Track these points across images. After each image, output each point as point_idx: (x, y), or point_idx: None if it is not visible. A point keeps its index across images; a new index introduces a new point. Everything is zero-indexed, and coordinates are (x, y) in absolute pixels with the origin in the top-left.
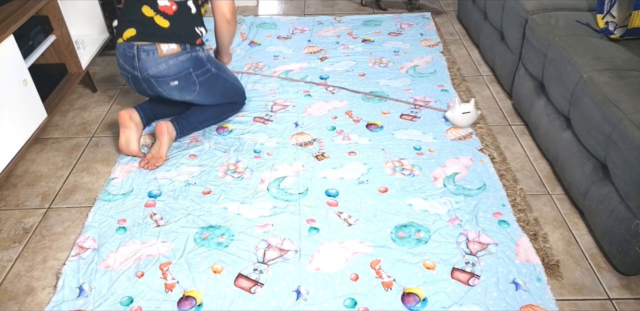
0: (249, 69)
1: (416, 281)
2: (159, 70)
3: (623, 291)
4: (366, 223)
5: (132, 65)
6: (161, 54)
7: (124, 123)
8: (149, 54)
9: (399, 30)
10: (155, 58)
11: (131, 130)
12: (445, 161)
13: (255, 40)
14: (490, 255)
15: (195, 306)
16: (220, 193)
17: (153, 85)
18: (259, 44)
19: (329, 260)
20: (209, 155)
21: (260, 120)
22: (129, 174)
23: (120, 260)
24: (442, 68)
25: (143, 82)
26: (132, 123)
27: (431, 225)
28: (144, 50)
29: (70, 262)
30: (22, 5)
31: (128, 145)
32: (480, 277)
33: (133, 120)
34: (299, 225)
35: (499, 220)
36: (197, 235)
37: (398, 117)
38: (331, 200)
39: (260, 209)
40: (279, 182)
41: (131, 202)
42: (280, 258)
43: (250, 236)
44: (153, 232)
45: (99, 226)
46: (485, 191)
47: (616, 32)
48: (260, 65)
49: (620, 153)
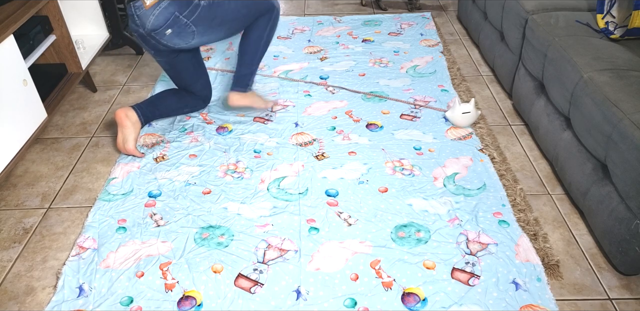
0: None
1: (416, 281)
2: (151, 23)
3: (623, 291)
4: (366, 223)
5: (135, 25)
6: (146, 6)
7: (121, 121)
8: (140, 10)
9: (399, 30)
10: (145, 12)
11: (128, 129)
12: (445, 161)
13: None
14: (490, 255)
15: (195, 306)
16: (220, 193)
17: (157, 40)
18: None
19: (329, 260)
20: (209, 155)
21: (260, 120)
22: (129, 174)
23: (120, 260)
24: (442, 68)
25: (150, 39)
26: (129, 121)
27: (431, 225)
28: (136, 7)
29: (70, 262)
30: (22, 5)
31: (124, 144)
32: (480, 277)
33: (130, 118)
34: (299, 225)
35: (499, 220)
36: (197, 235)
37: (398, 117)
38: (331, 200)
39: (260, 209)
40: (279, 182)
41: (131, 202)
42: (280, 258)
43: (250, 236)
44: (153, 232)
45: (99, 226)
46: (485, 191)
47: (616, 32)
48: (260, 65)
49: (620, 153)
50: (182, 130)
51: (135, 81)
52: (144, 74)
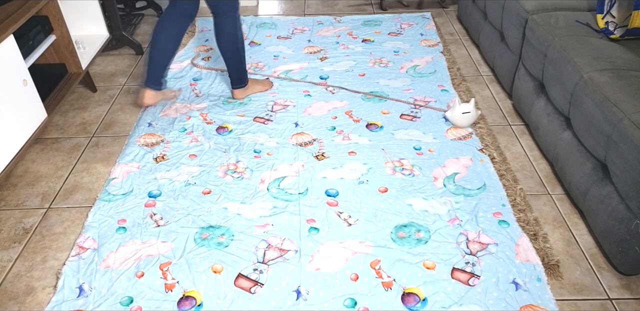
0: (249, 68)
1: (416, 281)
2: None
3: (623, 291)
4: (366, 223)
5: None
6: None
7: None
8: None
9: (399, 30)
10: None
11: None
12: (445, 161)
13: (255, 40)
14: (490, 255)
15: (195, 306)
16: (220, 193)
17: None
18: (259, 44)
19: (329, 260)
20: (209, 155)
21: (260, 120)
22: (129, 174)
23: (120, 260)
24: (442, 68)
25: None
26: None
27: (431, 225)
28: None
29: (70, 262)
30: (22, 5)
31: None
32: (480, 277)
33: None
34: (299, 225)
35: (499, 220)
36: (197, 235)
37: (398, 117)
38: (331, 200)
39: (260, 209)
40: (279, 182)
41: (131, 202)
42: (280, 258)
43: (250, 236)
44: (153, 232)
45: (99, 226)
46: (485, 191)
47: (616, 32)
48: (260, 65)
49: (620, 153)
50: (182, 130)
51: (135, 81)
52: (144, 74)
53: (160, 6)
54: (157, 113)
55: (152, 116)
